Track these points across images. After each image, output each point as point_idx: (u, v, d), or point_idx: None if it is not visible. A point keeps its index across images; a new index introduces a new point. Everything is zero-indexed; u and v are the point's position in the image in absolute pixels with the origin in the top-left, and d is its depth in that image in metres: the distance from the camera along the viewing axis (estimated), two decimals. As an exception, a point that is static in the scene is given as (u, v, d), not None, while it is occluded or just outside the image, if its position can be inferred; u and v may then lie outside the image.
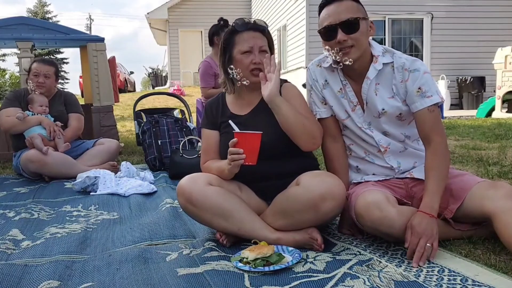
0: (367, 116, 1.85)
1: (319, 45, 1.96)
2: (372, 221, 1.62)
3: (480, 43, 10.18)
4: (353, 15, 1.73)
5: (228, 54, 1.85)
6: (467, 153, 3.69)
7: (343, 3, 1.75)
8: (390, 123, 1.83)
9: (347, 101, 1.87)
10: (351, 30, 1.73)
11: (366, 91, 1.81)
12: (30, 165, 3.26)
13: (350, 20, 1.72)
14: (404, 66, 1.76)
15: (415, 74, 1.74)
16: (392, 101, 1.80)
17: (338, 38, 1.72)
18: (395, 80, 1.78)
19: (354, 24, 1.73)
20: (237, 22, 1.86)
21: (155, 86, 21.76)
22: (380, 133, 1.85)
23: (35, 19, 14.89)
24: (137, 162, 4.00)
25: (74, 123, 3.59)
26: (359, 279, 1.42)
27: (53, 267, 1.60)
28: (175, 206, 2.33)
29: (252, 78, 1.82)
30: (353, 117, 1.86)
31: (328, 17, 1.75)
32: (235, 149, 1.66)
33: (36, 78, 3.47)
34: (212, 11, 16.28)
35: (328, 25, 1.74)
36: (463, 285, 1.36)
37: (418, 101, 1.73)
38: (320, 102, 1.93)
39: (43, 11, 31.51)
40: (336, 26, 1.73)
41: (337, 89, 1.88)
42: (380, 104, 1.80)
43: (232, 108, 1.92)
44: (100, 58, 4.62)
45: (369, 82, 1.79)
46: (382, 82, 1.80)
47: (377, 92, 1.81)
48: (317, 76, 1.92)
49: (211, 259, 1.64)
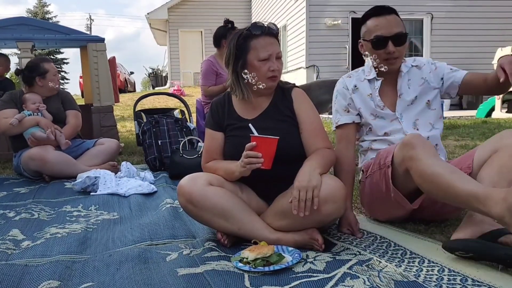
0: (399, 107, 2.01)
1: (319, 45, 2.01)
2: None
3: (480, 43, 10.19)
4: (402, 29, 1.93)
5: (242, 59, 1.80)
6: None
7: (392, 16, 1.94)
8: (420, 112, 2.00)
9: (375, 104, 2.02)
10: (400, 43, 1.92)
11: (401, 83, 2.01)
12: (31, 163, 3.26)
13: (401, 34, 1.92)
14: (427, 63, 2.05)
15: (437, 64, 2.04)
16: (421, 87, 2.01)
17: (389, 50, 1.91)
18: (423, 73, 2.02)
19: (403, 38, 1.93)
20: (251, 27, 1.82)
21: (155, 86, 21.78)
22: (411, 123, 1.99)
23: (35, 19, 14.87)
24: (137, 162, 4.00)
25: (72, 120, 3.60)
26: (359, 279, 1.42)
27: (53, 267, 1.60)
28: (175, 206, 2.33)
29: (269, 83, 1.81)
30: (383, 115, 2.01)
31: (380, 28, 1.91)
32: (254, 153, 1.64)
33: (56, 77, 3.62)
34: (212, 11, 16.32)
35: (380, 36, 1.91)
36: (463, 285, 1.36)
37: (456, 73, 1.98)
38: (343, 110, 2.06)
39: (43, 11, 31.52)
40: (387, 38, 1.90)
41: (367, 93, 2.04)
42: (412, 93, 2.00)
43: (239, 111, 1.90)
44: (100, 58, 4.62)
45: (403, 74, 2.01)
46: (412, 77, 2.03)
47: (409, 85, 2.02)
48: (347, 84, 2.08)
49: (211, 259, 1.64)
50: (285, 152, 1.73)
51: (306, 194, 1.59)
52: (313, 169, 1.66)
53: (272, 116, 1.85)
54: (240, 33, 1.83)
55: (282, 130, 1.80)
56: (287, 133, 1.81)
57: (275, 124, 1.83)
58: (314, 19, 10.35)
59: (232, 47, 1.83)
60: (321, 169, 1.69)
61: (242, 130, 1.81)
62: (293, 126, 1.85)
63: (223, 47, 3.98)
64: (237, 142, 1.81)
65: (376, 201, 1.96)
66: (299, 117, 1.86)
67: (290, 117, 1.86)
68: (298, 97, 1.89)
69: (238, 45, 1.81)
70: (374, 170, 1.91)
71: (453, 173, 1.53)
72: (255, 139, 1.66)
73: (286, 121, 1.85)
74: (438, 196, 1.60)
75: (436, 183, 1.54)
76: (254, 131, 1.71)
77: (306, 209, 1.59)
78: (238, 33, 1.84)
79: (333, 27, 10.35)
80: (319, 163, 1.71)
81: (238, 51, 1.81)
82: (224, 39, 3.95)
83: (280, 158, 1.67)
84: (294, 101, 1.87)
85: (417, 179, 1.62)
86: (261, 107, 1.88)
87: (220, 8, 16.43)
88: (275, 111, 1.85)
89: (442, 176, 1.52)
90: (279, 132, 1.76)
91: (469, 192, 1.45)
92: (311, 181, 1.61)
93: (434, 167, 1.56)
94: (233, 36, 1.85)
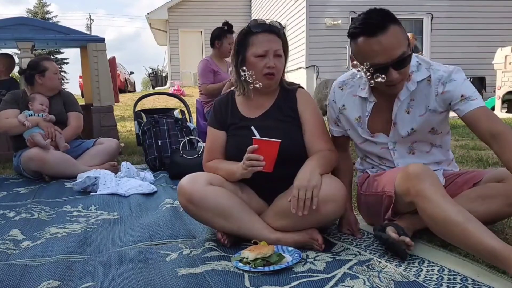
0: (392, 137, 1.80)
1: (319, 45, 1.97)
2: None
3: (480, 43, 10.19)
4: (404, 48, 1.55)
5: (241, 56, 1.82)
6: (467, 153, 3.69)
7: (390, 32, 1.53)
8: (419, 140, 1.79)
9: (363, 130, 1.83)
10: (402, 66, 1.58)
11: (396, 112, 1.73)
12: (31, 164, 3.26)
13: (404, 56, 1.56)
14: (441, 79, 1.65)
15: (453, 83, 1.64)
16: (422, 118, 1.71)
17: (393, 78, 1.57)
18: (431, 95, 1.68)
19: (407, 60, 1.59)
20: (252, 23, 1.82)
21: (155, 86, 21.76)
22: (405, 151, 1.82)
23: (36, 19, 14.89)
24: (137, 162, 4.00)
25: (73, 122, 3.59)
26: (359, 279, 1.42)
27: (53, 267, 1.60)
28: (175, 206, 2.33)
29: (265, 81, 1.81)
30: (373, 141, 1.84)
31: (376, 55, 1.54)
32: (256, 156, 1.64)
33: (57, 76, 3.60)
34: (212, 11, 16.32)
35: (378, 64, 1.55)
36: (463, 285, 1.36)
37: (464, 106, 1.61)
38: (333, 122, 1.96)
39: (43, 11, 31.51)
40: (388, 65, 1.55)
41: (355, 116, 1.82)
42: (409, 125, 1.73)
43: (242, 110, 1.90)
44: (100, 59, 4.62)
45: (399, 103, 1.71)
46: (417, 97, 1.70)
47: (410, 110, 1.72)
48: (336, 99, 1.87)
49: (211, 259, 1.64)
50: (286, 152, 1.72)
51: (306, 194, 1.59)
52: (314, 169, 1.66)
53: (274, 115, 1.85)
54: (243, 29, 1.85)
55: (284, 130, 1.80)
56: (289, 133, 1.81)
57: (277, 124, 1.83)
58: (314, 19, 10.35)
59: (235, 43, 1.86)
60: (322, 170, 1.69)
61: (244, 129, 1.81)
62: (295, 127, 1.85)
63: (216, 48, 4.10)
64: (239, 141, 1.81)
65: (374, 214, 1.87)
66: (303, 118, 1.85)
67: (293, 118, 1.85)
68: (302, 98, 1.88)
69: (239, 41, 1.83)
70: (369, 192, 1.84)
71: (469, 221, 1.42)
72: (257, 142, 1.65)
73: (289, 121, 1.85)
74: (450, 240, 1.53)
75: (451, 231, 1.45)
76: (256, 133, 1.71)
77: (305, 208, 1.59)
78: (241, 29, 1.86)
79: (333, 27, 10.36)
80: (320, 164, 1.71)
81: (238, 47, 1.83)
82: (218, 40, 4.07)
83: (281, 158, 1.67)
84: (298, 102, 1.87)
85: (427, 220, 1.53)
86: (264, 107, 1.88)
87: (220, 8, 16.43)
88: (278, 111, 1.85)
89: (458, 225, 1.42)
90: (281, 132, 1.76)
91: (486, 248, 1.36)
92: (311, 180, 1.61)
93: (447, 213, 1.45)
94: (237, 33, 1.88)
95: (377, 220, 1.82)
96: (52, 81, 3.55)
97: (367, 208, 1.92)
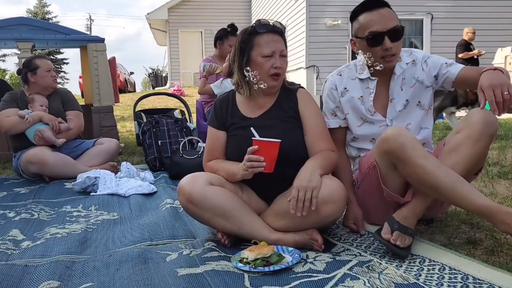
0: (389, 114, 1.93)
1: (319, 45, 2.00)
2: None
3: (480, 43, 10.18)
4: (398, 23, 1.80)
5: (246, 56, 1.80)
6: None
7: (385, 9, 1.81)
8: (412, 116, 1.93)
9: (365, 109, 1.94)
10: (397, 38, 1.80)
11: (393, 87, 1.92)
12: (30, 167, 3.25)
13: (397, 28, 1.79)
14: (424, 58, 1.92)
15: (431, 58, 1.92)
16: (412, 90, 1.92)
17: (387, 46, 1.79)
18: (417, 72, 1.91)
19: (400, 32, 1.81)
20: (256, 23, 1.82)
21: (155, 87, 21.76)
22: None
23: (36, 19, 14.89)
24: (137, 162, 4.00)
25: (74, 120, 3.57)
26: (359, 280, 1.42)
27: (53, 267, 1.60)
28: (175, 207, 2.33)
29: (270, 82, 1.80)
30: (372, 120, 1.94)
31: (374, 24, 1.79)
32: (256, 157, 1.64)
33: (50, 73, 3.52)
34: (212, 11, 16.33)
35: (375, 31, 1.79)
36: (464, 283, 1.36)
37: (453, 69, 1.85)
38: (330, 114, 2.01)
39: (43, 11, 31.50)
40: (383, 33, 1.78)
41: (357, 96, 1.95)
42: (403, 97, 1.92)
43: (242, 109, 1.89)
44: (100, 59, 4.62)
45: (396, 77, 1.91)
46: (407, 76, 1.93)
47: (403, 87, 1.92)
48: (336, 84, 1.99)
49: (211, 259, 1.64)
50: (286, 152, 1.72)
51: (305, 194, 1.59)
52: (314, 169, 1.66)
53: (275, 115, 1.85)
54: (246, 29, 1.84)
55: (284, 129, 1.80)
56: (289, 133, 1.80)
57: (277, 124, 1.82)
58: (314, 19, 10.34)
59: (237, 43, 1.84)
60: (322, 170, 1.69)
61: (244, 129, 1.81)
62: (296, 127, 1.84)
63: (218, 48, 4.10)
64: (239, 141, 1.81)
65: (371, 208, 1.92)
66: (303, 119, 1.85)
67: (293, 118, 1.85)
68: (303, 98, 1.88)
69: (242, 41, 1.82)
70: (362, 177, 1.91)
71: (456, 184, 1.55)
72: (257, 143, 1.65)
73: (289, 121, 1.84)
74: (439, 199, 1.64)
75: (440, 194, 1.59)
76: (256, 134, 1.71)
77: (304, 209, 1.59)
78: (244, 29, 1.85)
79: (333, 27, 10.35)
80: (321, 164, 1.70)
81: (242, 47, 1.81)
82: (220, 41, 4.06)
83: (281, 158, 1.67)
84: (299, 102, 1.87)
85: (415, 184, 1.65)
86: (265, 106, 1.88)
87: (220, 8, 16.44)
88: (278, 111, 1.85)
89: (447, 190, 1.55)
90: (281, 132, 1.76)
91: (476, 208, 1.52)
92: (311, 181, 1.61)
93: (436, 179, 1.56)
94: (239, 33, 1.87)
95: (376, 213, 1.89)
96: (44, 79, 3.48)
97: (364, 201, 1.94)
